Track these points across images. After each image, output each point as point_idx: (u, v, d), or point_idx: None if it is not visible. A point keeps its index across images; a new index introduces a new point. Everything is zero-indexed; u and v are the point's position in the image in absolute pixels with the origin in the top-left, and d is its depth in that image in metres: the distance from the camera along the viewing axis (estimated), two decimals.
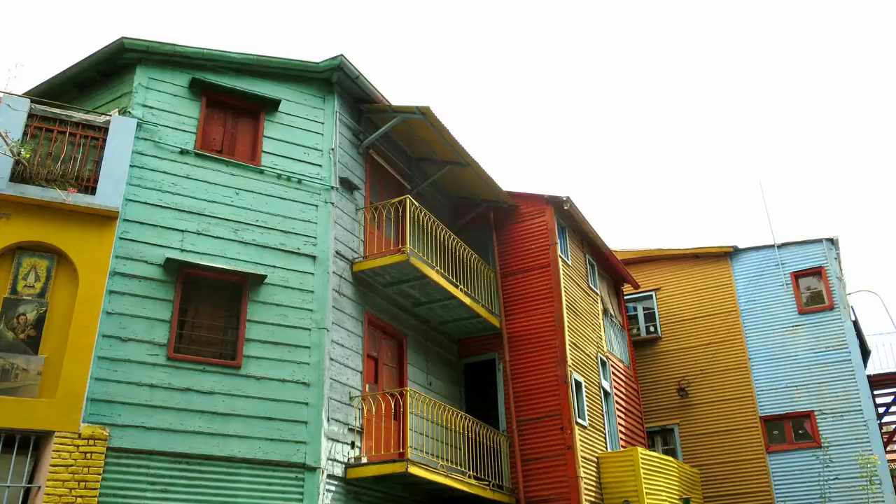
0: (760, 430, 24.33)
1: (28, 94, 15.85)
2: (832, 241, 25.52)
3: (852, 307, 25.07)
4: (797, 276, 25.66)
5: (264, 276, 14.90)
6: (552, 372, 19.03)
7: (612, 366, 22.66)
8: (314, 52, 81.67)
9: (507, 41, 79.89)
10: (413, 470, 14.78)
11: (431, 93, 78.84)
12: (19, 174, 13.39)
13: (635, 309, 27.69)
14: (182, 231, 14.63)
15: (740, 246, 26.65)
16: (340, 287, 16.06)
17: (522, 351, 19.62)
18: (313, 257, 15.69)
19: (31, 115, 14.13)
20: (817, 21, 75.26)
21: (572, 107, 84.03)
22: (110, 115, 14.76)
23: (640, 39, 79.54)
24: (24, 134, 13.86)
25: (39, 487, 11.98)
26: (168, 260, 14.12)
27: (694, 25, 78.37)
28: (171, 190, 14.82)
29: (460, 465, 17.84)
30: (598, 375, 21.31)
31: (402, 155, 19.80)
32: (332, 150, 16.86)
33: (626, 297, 26.84)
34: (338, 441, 14.86)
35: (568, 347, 19.26)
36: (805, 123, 79.93)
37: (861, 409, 23.35)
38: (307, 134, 16.82)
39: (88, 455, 12.31)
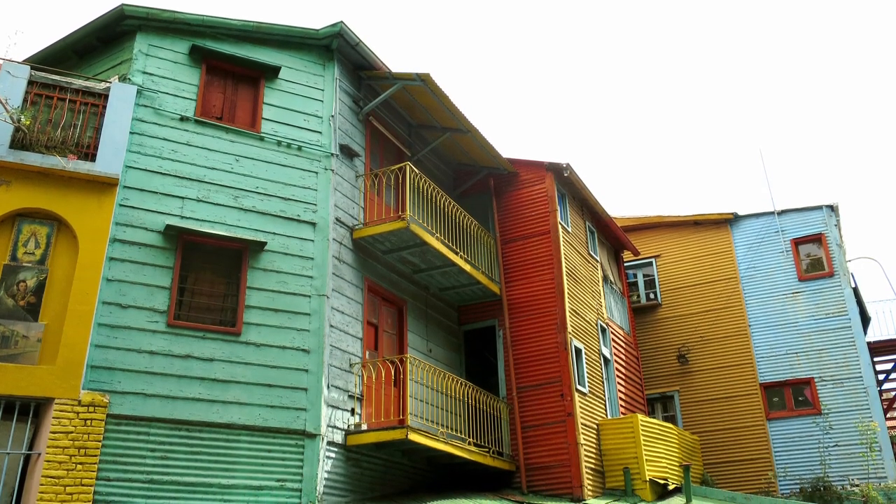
0: (760, 397, 24.38)
1: (28, 60, 15.81)
2: (832, 208, 25.49)
3: (852, 274, 25.08)
4: (797, 242, 25.64)
5: (264, 243, 14.92)
6: (552, 339, 19.07)
7: (612, 332, 22.71)
8: (314, 19, 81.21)
9: (505, 7, 79.40)
10: (413, 437, 14.86)
11: (431, 59, 78.47)
12: (19, 141, 13.40)
13: (635, 276, 27.70)
14: (182, 198, 14.64)
15: (740, 212, 26.61)
16: (340, 254, 16.07)
17: (522, 318, 19.65)
18: (313, 224, 15.70)
19: (31, 82, 14.12)
20: None
21: (572, 74, 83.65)
22: (110, 82, 14.73)
23: (639, 6, 79.04)
24: (24, 101, 13.85)
25: (39, 454, 12.07)
26: (168, 227, 14.15)
27: None
28: (170, 157, 14.81)
29: (460, 432, 17.91)
30: (598, 342, 21.36)
31: (402, 122, 19.75)
32: (332, 116, 16.82)
33: (626, 264, 26.83)
34: (338, 408, 14.93)
35: (568, 314, 19.30)
36: (805, 89, 79.56)
37: (861, 376, 23.39)
38: (307, 101, 16.77)
39: (88, 422, 12.39)
